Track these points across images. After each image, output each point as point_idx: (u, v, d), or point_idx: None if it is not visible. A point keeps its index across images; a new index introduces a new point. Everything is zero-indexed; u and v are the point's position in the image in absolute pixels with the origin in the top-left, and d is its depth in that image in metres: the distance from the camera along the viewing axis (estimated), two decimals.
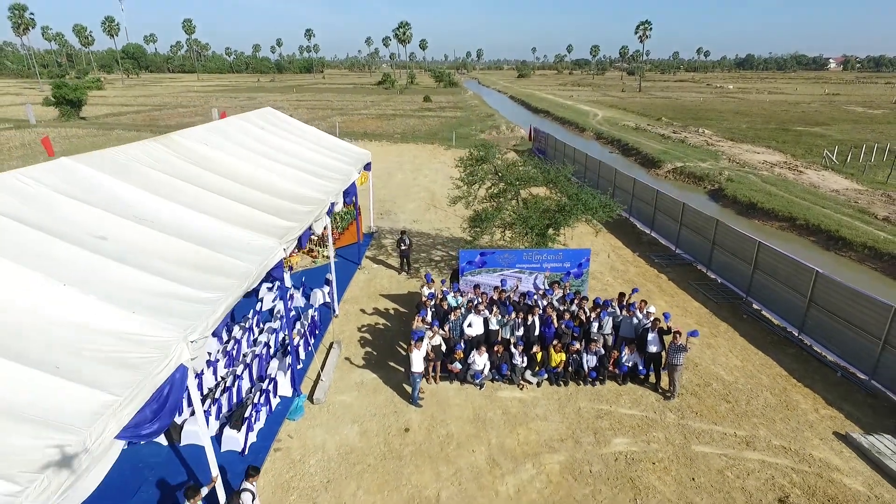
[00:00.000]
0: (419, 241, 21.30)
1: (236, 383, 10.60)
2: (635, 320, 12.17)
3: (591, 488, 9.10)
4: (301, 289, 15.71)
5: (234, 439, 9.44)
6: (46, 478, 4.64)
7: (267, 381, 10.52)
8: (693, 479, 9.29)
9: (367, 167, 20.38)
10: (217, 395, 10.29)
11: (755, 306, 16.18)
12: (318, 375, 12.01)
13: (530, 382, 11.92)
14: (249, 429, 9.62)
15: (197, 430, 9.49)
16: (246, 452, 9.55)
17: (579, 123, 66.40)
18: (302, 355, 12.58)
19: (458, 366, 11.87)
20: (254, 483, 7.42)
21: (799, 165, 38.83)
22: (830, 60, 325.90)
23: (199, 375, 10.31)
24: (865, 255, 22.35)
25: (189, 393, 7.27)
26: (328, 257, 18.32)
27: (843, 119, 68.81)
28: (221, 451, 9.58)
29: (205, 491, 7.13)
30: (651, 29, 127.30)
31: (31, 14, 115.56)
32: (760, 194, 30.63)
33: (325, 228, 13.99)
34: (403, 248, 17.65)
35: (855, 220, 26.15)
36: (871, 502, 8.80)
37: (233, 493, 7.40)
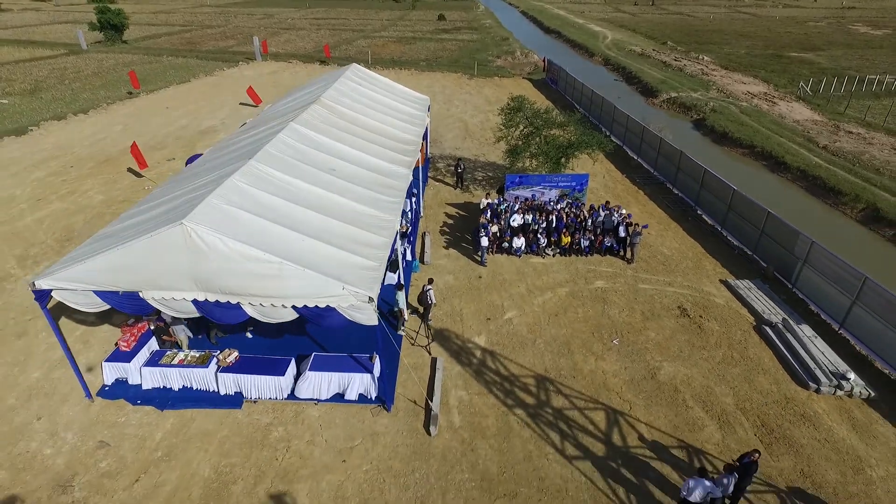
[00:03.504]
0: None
1: None
2: (614, 217, 20.10)
3: (582, 301, 17.46)
4: None
5: (393, 277, 17.63)
6: (381, 262, 12.74)
7: (401, 249, 18.62)
8: (635, 298, 17.64)
9: (428, 108, 27.41)
10: None
11: (699, 212, 24.02)
12: (423, 249, 20.17)
13: (549, 254, 20.06)
14: (400, 273, 17.84)
15: None
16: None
17: (589, 47, 70.59)
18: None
19: (506, 245, 19.97)
20: (432, 286, 15.71)
21: (776, 97, 44.97)
22: None
23: None
24: (797, 177, 29.80)
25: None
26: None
27: (839, 43, 72.56)
28: (384, 283, 17.80)
29: (402, 289, 15.34)
30: None
31: None
32: (734, 125, 37.37)
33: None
34: (460, 171, 25.29)
35: (801, 147, 33.22)
36: (724, 308, 17.16)
37: (421, 292, 15.65)
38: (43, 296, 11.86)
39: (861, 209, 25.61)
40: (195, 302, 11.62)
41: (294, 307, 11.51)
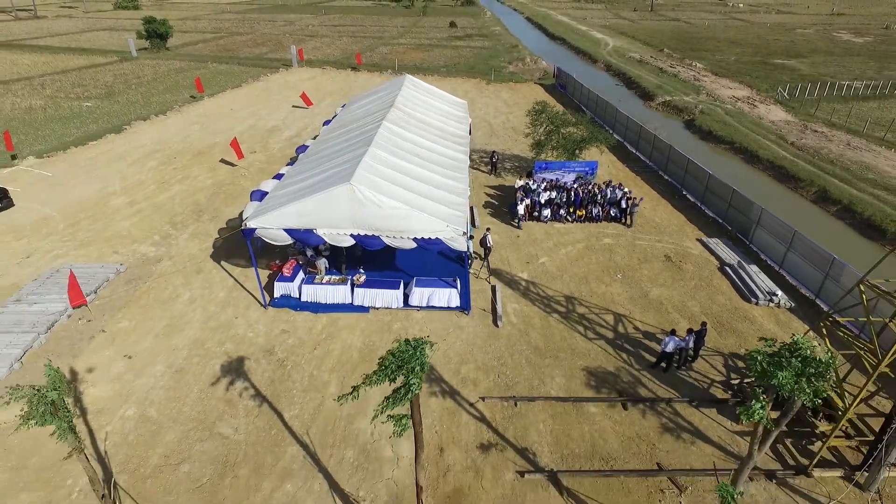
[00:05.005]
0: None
1: None
2: (618, 193, 26.61)
3: (594, 252, 23.94)
4: None
5: None
6: (464, 212, 19.23)
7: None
8: (633, 250, 24.13)
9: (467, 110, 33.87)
10: None
11: (684, 192, 30.51)
12: (472, 216, 26.62)
13: (569, 221, 26.55)
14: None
15: None
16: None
17: (592, 54, 77.08)
18: None
19: (536, 214, 26.47)
20: (490, 233, 22.18)
21: (757, 100, 51.49)
22: None
23: None
24: (766, 167, 36.30)
25: None
26: None
27: (822, 50, 79.06)
28: None
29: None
30: None
31: None
32: (718, 124, 43.86)
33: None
34: (495, 160, 31.83)
35: (773, 143, 39.72)
36: (698, 257, 23.65)
37: (483, 236, 22.11)
38: (249, 233, 18.36)
39: (814, 191, 32.10)
40: (352, 235, 18.10)
41: (414, 238, 18.00)
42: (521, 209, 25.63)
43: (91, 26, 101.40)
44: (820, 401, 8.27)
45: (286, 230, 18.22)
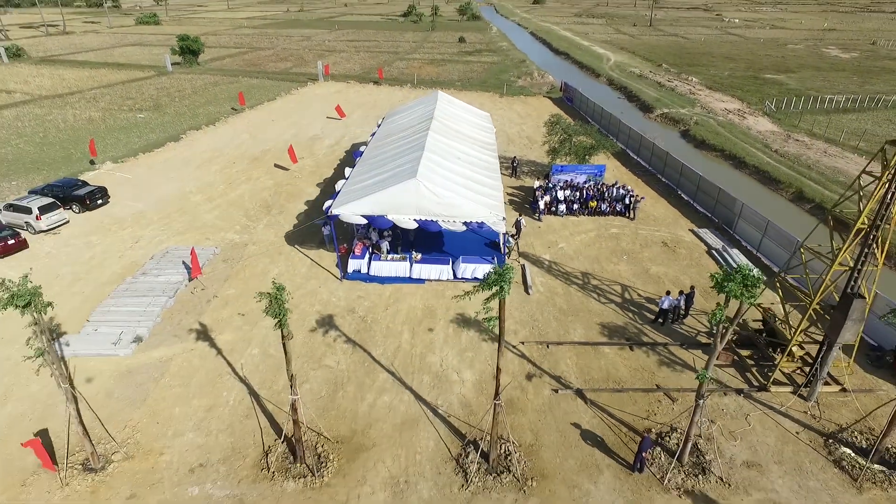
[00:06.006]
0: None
1: None
2: (622, 191, 31.56)
3: (604, 239, 28.83)
4: None
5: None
6: (500, 202, 24.15)
7: None
8: (636, 237, 29.03)
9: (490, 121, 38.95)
10: None
11: (679, 192, 35.47)
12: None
13: (582, 214, 31.47)
14: None
15: None
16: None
17: (595, 69, 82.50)
18: None
19: (554, 209, 31.41)
20: (523, 217, 27.12)
21: (746, 112, 56.61)
22: None
23: None
24: (752, 171, 41.27)
25: None
26: None
27: (810, 66, 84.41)
28: None
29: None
30: None
31: None
32: (711, 134, 48.94)
33: None
34: (515, 164, 36.85)
35: (758, 151, 44.74)
36: (690, 243, 28.53)
37: (516, 220, 26.98)
38: (331, 217, 23.29)
39: (792, 192, 37.04)
40: (416, 220, 23.01)
41: (464, 222, 22.92)
42: (541, 205, 30.59)
43: (119, 42, 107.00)
44: (757, 301, 13.07)
45: (364, 215, 23.14)
